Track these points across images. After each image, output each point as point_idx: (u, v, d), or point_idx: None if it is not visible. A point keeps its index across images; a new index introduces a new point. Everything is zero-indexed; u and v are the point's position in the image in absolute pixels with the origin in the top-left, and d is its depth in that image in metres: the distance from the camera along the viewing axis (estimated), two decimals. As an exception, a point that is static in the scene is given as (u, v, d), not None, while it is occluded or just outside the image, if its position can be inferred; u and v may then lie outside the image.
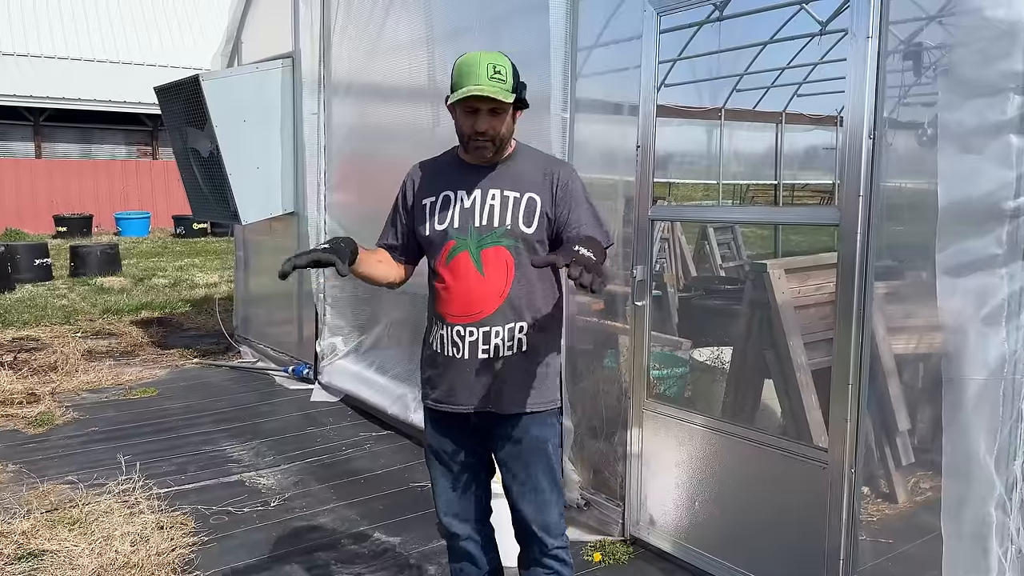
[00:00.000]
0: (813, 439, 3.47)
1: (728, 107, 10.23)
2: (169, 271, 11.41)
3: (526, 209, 2.20)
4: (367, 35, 5.09)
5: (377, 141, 5.10)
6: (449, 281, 2.21)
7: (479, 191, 2.23)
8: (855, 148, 2.53)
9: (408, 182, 2.38)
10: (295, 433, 4.84)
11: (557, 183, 2.24)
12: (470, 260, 2.20)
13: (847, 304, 2.59)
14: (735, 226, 9.84)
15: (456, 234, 2.22)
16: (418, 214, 2.30)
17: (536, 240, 2.21)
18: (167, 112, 6.31)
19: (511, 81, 2.13)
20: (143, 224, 16.35)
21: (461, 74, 2.11)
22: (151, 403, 5.44)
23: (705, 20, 6.23)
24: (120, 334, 7.57)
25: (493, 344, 2.20)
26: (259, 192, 5.87)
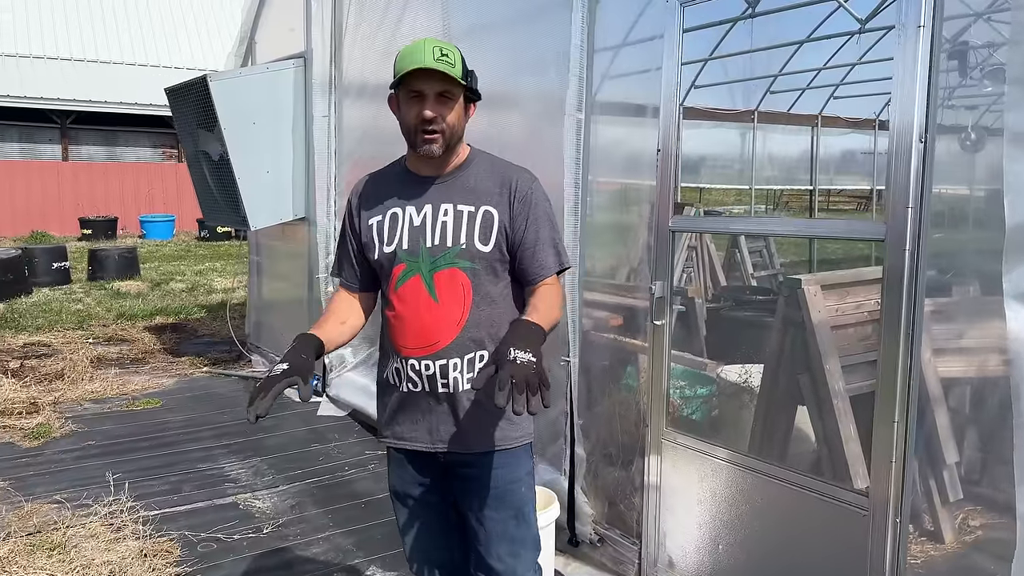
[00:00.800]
0: (851, 475, 3.17)
1: (761, 109, 9.88)
2: (188, 275, 11.29)
3: (482, 224, 1.97)
4: (380, 34, 4.85)
5: (388, 145, 4.84)
6: (400, 309, 1.98)
7: (429, 206, 1.99)
8: (903, 154, 2.22)
9: (353, 200, 2.11)
10: (298, 450, 4.60)
11: (515, 194, 1.99)
12: (422, 285, 1.96)
13: (893, 328, 2.29)
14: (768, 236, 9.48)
15: (406, 256, 1.98)
16: (365, 235, 2.05)
17: (495, 260, 1.98)
18: (178, 114, 6.14)
19: (460, 66, 1.90)
20: (167, 227, 16.32)
21: (403, 58, 1.88)
22: (153, 415, 5.25)
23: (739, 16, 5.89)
24: (132, 340, 7.41)
25: (452, 378, 1.97)
26: (269, 197, 5.66)
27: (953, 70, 2.72)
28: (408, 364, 1.97)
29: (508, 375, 1.59)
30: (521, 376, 1.59)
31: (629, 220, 3.39)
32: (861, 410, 3.48)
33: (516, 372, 1.60)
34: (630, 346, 3.42)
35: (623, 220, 3.43)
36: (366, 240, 2.03)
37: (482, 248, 1.95)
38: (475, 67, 1.97)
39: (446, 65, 1.85)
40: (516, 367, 1.61)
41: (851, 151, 11.85)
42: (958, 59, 2.65)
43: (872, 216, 11.58)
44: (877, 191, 12.08)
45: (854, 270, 3.41)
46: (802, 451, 3.55)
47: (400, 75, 1.86)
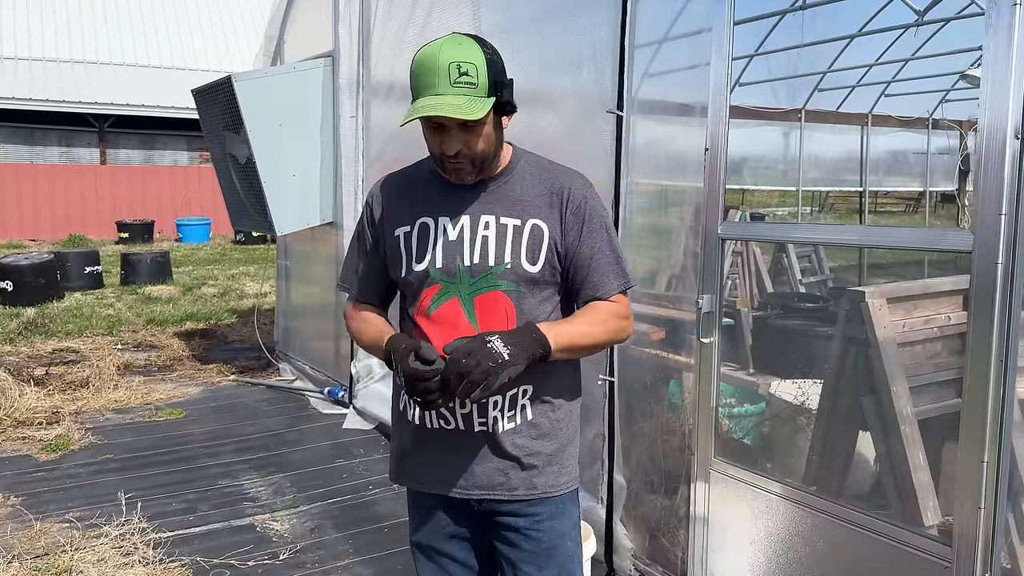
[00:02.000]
0: (920, 507, 2.86)
1: (809, 108, 9.50)
2: (220, 280, 11.20)
3: (530, 241, 1.69)
4: (410, 30, 4.63)
5: (418, 147, 4.64)
6: (433, 336, 1.67)
7: (467, 218, 1.70)
8: (994, 153, 1.92)
9: (372, 204, 1.82)
10: (321, 466, 4.39)
11: (567, 203, 1.71)
12: (460, 310, 1.68)
13: (982, 352, 1.99)
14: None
15: (441, 276, 1.69)
16: (390, 249, 1.77)
17: (544, 281, 1.71)
18: (204, 116, 5.99)
19: (485, 80, 1.58)
20: (204, 230, 16.35)
21: (418, 77, 1.59)
22: (175, 427, 5.08)
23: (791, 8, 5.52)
24: (161, 346, 7.29)
25: (491, 416, 1.70)
26: (296, 201, 5.47)
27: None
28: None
29: (464, 352, 1.49)
30: (474, 362, 1.48)
31: (669, 223, 3.13)
32: (929, 435, 3.17)
33: (475, 352, 1.49)
34: (673, 362, 3.15)
35: (663, 223, 3.17)
36: (390, 254, 1.76)
37: (530, 268, 1.68)
38: (509, 66, 1.71)
39: (465, 95, 1.55)
40: (483, 349, 1.49)
41: (900, 151, 11.39)
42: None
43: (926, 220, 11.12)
44: (929, 193, 11.64)
45: (922, 281, 3.09)
46: (863, 479, 3.24)
47: (408, 118, 1.57)
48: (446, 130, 1.59)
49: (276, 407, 5.52)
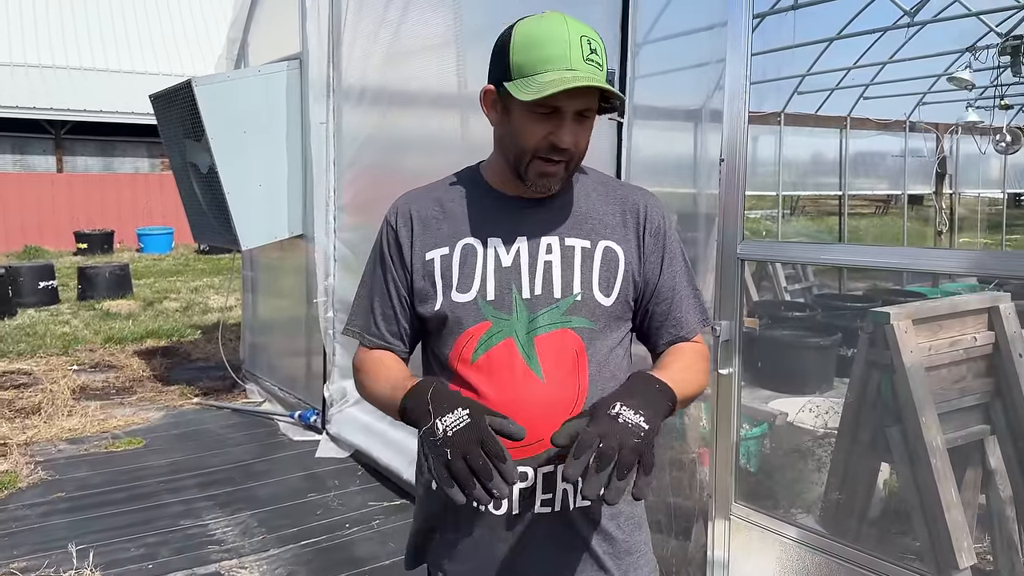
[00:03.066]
0: (954, 548, 2.62)
1: (787, 111, 9.35)
2: (183, 293, 10.76)
3: (603, 267, 1.39)
4: (383, 31, 4.32)
5: (395, 154, 4.34)
6: (483, 389, 1.34)
7: (524, 239, 1.38)
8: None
9: (396, 223, 1.46)
10: (293, 502, 4.06)
11: (645, 224, 1.43)
12: (517, 354, 1.34)
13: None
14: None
15: (492, 311, 1.36)
16: (421, 276, 1.42)
17: (617, 317, 1.40)
18: (163, 123, 5.64)
19: (606, 63, 1.32)
20: (166, 240, 15.82)
21: (537, 48, 1.28)
22: (134, 458, 4.72)
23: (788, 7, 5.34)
24: (120, 366, 6.90)
25: (560, 491, 1.35)
26: (262, 212, 5.14)
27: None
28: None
29: (596, 436, 1.13)
30: (615, 443, 1.12)
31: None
32: (954, 465, 2.94)
33: (611, 434, 1.13)
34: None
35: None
36: (421, 284, 1.41)
37: (603, 301, 1.37)
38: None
39: (598, 72, 1.28)
40: (615, 427, 1.14)
41: (870, 153, 11.33)
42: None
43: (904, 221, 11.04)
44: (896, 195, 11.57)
45: (949, 300, 2.86)
46: (888, 514, 3.00)
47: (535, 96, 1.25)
48: (560, 118, 1.29)
49: (243, 433, 5.17)
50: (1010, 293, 2.91)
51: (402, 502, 3.99)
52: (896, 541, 3.07)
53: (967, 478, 3.09)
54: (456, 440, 1.15)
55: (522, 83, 1.28)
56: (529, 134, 1.31)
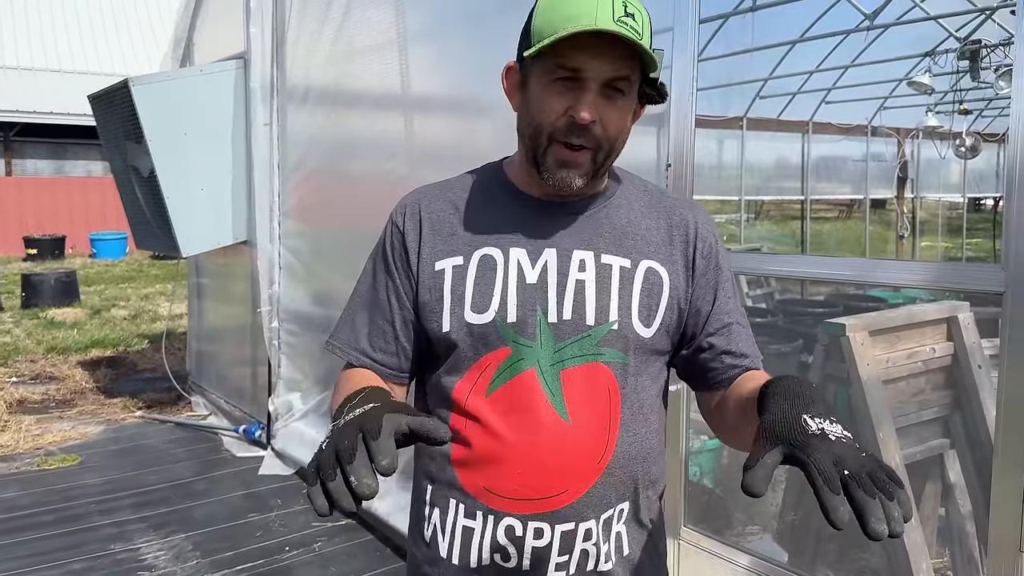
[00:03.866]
0: (913, 570, 2.52)
1: (749, 116, 9.31)
2: (133, 300, 10.46)
3: (644, 292, 1.18)
4: (326, 29, 4.15)
5: (340, 156, 4.17)
6: (496, 427, 1.14)
7: (553, 251, 1.17)
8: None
9: (406, 224, 1.25)
10: (231, 523, 3.86)
11: (696, 244, 1.22)
12: (540, 388, 1.14)
13: (1018, 413, 1.62)
14: (762, 248, 8.89)
15: (512, 334, 1.15)
16: (428, 289, 1.20)
17: (657, 350, 1.20)
18: (103, 124, 5.41)
19: (648, 38, 1.09)
20: (119, 245, 15.42)
21: (562, 5, 1.07)
22: (67, 477, 4.48)
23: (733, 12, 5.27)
24: (62, 378, 6.63)
25: (578, 551, 1.16)
26: (204, 218, 4.93)
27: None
28: (499, 525, 1.15)
29: (831, 463, 0.82)
30: (857, 463, 0.82)
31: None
32: (913, 479, 2.85)
33: (843, 456, 0.83)
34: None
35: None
36: (428, 298, 1.20)
37: (643, 331, 1.17)
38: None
39: (632, 32, 1.05)
40: (836, 446, 0.84)
41: (833, 158, 11.37)
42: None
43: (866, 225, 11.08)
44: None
45: (906, 310, 2.77)
46: (846, 536, 2.89)
47: (550, 40, 1.05)
48: (583, 86, 1.08)
49: (185, 449, 4.95)
50: (968, 302, 2.82)
51: (347, 522, 3.81)
52: (856, 559, 2.97)
53: (927, 492, 3.00)
54: (340, 429, 0.90)
55: (532, 43, 1.08)
56: (546, 108, 1.10)
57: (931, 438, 2.90)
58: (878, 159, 10.70)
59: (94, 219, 16.29)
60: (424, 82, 3.53)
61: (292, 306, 4.55)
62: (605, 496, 1.16)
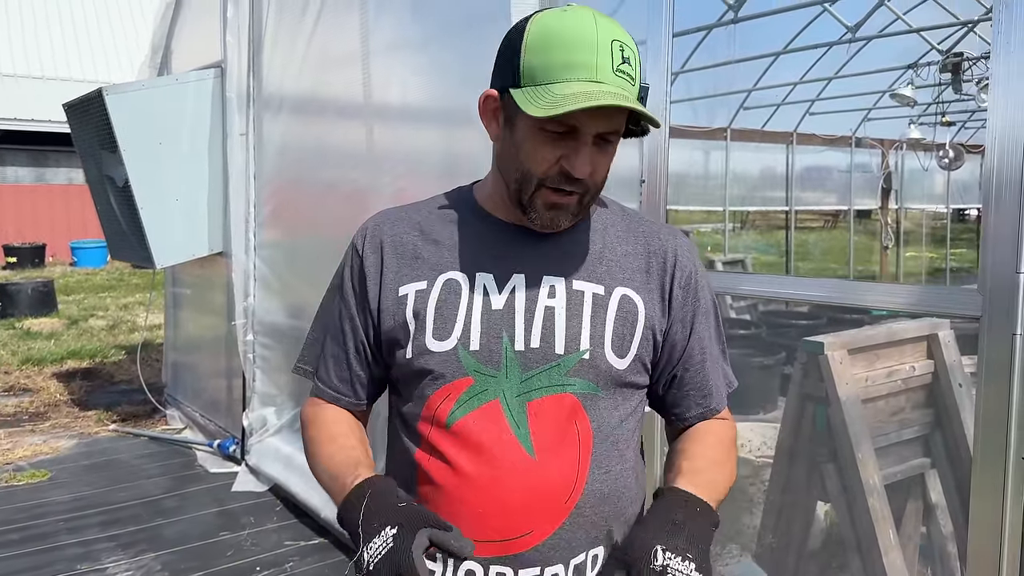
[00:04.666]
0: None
1: (733, 127, 9.31)
2: (111, 310, 10.31)
3: (618, 320, 1.13)
4: (299, 40, 4.08)
5: (316, 166, 4.10)
6: (457, 461, 1.09)
7: (521, 278, 1.13)
8: (1009, 191, 1.52)
9: (365, 248, 1.21)
10: (202, 542, 3.78)
11: (674, 272, 1.18)
12: (504, 421, 1.09)
13: (994, 442, 1.58)
14: (746, 259, 8.88)
15: (475, 363, 1.10)
16: (391, 316, 1.16)
17: (630, 382, 1.15)
18: (78, 133, 5.34)
19: (639, 76, 1.07)
20: (100, 254, 15.22)
21: (562, 51, 1.03)
22: (36, 493, 4.38)
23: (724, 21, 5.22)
24: (36, 390, 6.52)
25: None
26: (179, 229, 4.85)
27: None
28: (460, 570, 1.10)
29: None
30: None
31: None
32: (894, 499, 2.80)
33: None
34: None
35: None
36: (390, 325, 1.15)
37: (616, 362, 1.12)
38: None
39: (629, 87, 1.04)
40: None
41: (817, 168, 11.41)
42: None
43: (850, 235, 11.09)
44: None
45: (886, 328, 2.72)
46: (825, 556, 2.85)
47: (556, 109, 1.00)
48: (577, 141, 1.05)
49: (158, 464, 4.85)
50: (948, 320, 2.78)
51: (320, 541, 3.73)
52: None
53: (908, 512, 2.96)
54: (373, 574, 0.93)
55: (533, 92, 1.03)
56: (538, 157, 1.07)
57: (912, 457, 2.85)
58: (863, 170, 10.75)
59: (75, 227, 16.11)
60: (385, 92, 3.48)
61: (267, 318, 4.48)
62: (574, 539, 1.09)
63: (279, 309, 4.41)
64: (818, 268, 13.09)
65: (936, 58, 7.00)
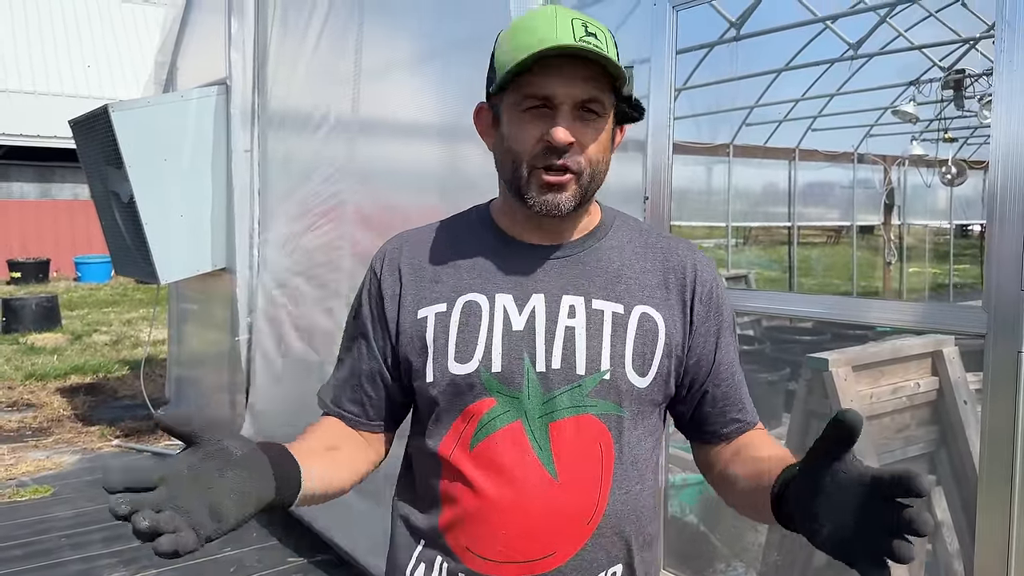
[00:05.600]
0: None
1: (736, 143, 9.34)
2: (114, 325, 10.34)
3: (638, 338, 1.12)
4: (301, 58, 4.12)
5: (324, 182, 4.12)
6: (479, 483, 1.09)
7: (541, 297, 1.12)
8: (1014, 210, 1.52)
9: (383, 271, 1.20)
10: (205, 557, 3.76)
11: (695, 288, 1.17)
12: (527, 442, 1.08)
13: (1001, 462, 1.57)
14: (749, 274, 8.87)
15: (497, 385, 1.10)
16: (410, 339, 1.15)
17: (652, 401, 1.14)
18: (84, 149, 5.37)
19: (614, 56, 1.06)
20: (104, 269, 15.27)
21: (516, 34, 1.06)
22: (38, 509, 4.38)
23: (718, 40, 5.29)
24: (40, 405, 6.52)
25: None
26: (183, 244, 4.88)
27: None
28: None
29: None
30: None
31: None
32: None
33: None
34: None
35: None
36: (409, 348, 1.15)
37: (637, 381, 1.11)
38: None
39: (597, 49, 1.03)
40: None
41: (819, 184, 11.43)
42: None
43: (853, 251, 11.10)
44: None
45: (890, 345, 2.72)
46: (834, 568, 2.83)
47: (512, 66, 1.03)
48: (555, 110, 1.05)
49: (160, 480, 4.84)
50: (953, 336, 2.78)
51: (323, 558, 3.72)
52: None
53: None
54: None
55: (503, 76, 1.05)
56: (521, 137, 1.07)
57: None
58: (866, 186, 10.76)
59: (80, 242, 16.17)
60: (372, 110, 3.52)
61: (265, 334, 4.48)
62: (595, 559, 1.10)
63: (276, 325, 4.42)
64: (821, 284, 13.11)
65: (938, 75, 7.02)
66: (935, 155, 9.43)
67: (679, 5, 2.22)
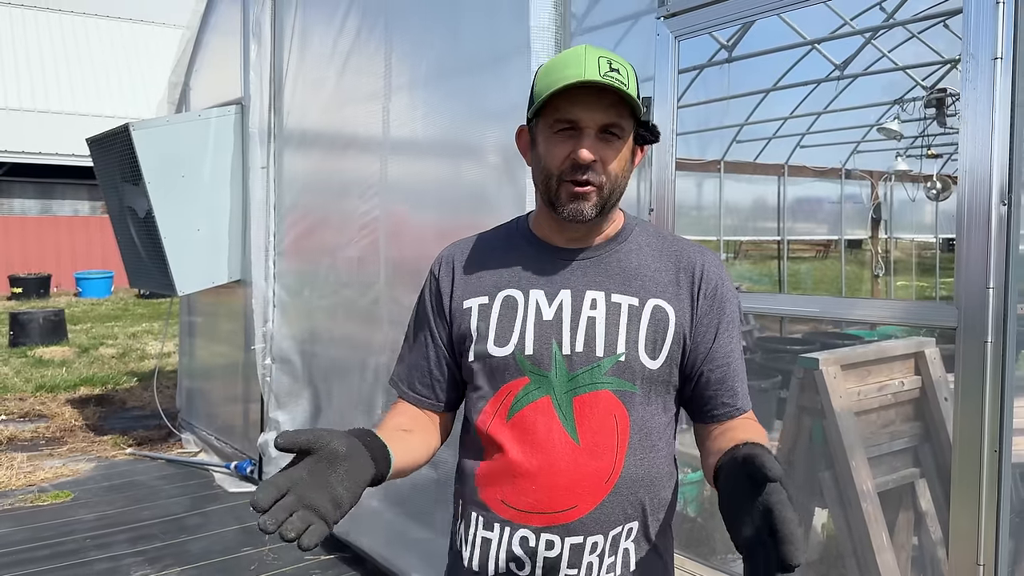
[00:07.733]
0: (887, 592, 2.65)
1: (726, 159, 9.58)
2: (120, 338, 10.49)
3: (651, 327, 1.32)
4: (326, 84, 4.32)
5: (336, 198, 4.31)
6: (512, 450, 1.30)
7: (567, 292, 1.34)
8: (978, 220, 1.74)
9: (440, 272, 1.45)
10: (226, 556, 3.94)
11: (700, 284, 1.36)
12: (554, 414, 1.30)
13: (971, 446, 1.78)
14: (740, 288, 9.10)
15: (530, 365, 1.32)
16: (460, 325, 1.39)
17: (663, 382, 1.34)
18: (100, 167, 5.56)
19: (634, 89, 1.28)
20: (105, 284, 15.43)
21: (549, 72, 1.28)
22: (60, 513, 4.53)
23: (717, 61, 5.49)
24: (51, 416, 6.67)
25: (586, 563, 1.30)
26: (201, 257, 5.07)
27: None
28: (515, 536, 1.31)
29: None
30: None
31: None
32: (886, 509, 2.98)
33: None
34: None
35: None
36: (460, 333, 1.39)
37: (649, 363, 1.31)
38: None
39: (616, 83, 1.24)
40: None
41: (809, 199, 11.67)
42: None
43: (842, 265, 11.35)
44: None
45: (876, 346, 2.93)
46: (822, 559, 3.03)
47: (545, 95, 1.25)
48: (581, 133, 1.27)
49: (176, 485, 5.01)
50: (935, 338, 2.99)
51: (340, 555, 3.89)
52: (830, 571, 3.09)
53: (900, 521, 3.13)
54: None
55: (535, 104, 1.29)
56: (552, 156, 1.29)
57: (902, 467, 3.04)
58: (853, 201, 11.00)
59: (80, 258, 16.31)
60: (401, 130, 3.71)
61: (284, 343, 4.66)
62: (612, 514, 1.29)
63: (296, 334, 4.60)
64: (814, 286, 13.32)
65: (921, 94, 7.28)
66: (919, 170, 9.69)
67: (680, 35, 2.44)
